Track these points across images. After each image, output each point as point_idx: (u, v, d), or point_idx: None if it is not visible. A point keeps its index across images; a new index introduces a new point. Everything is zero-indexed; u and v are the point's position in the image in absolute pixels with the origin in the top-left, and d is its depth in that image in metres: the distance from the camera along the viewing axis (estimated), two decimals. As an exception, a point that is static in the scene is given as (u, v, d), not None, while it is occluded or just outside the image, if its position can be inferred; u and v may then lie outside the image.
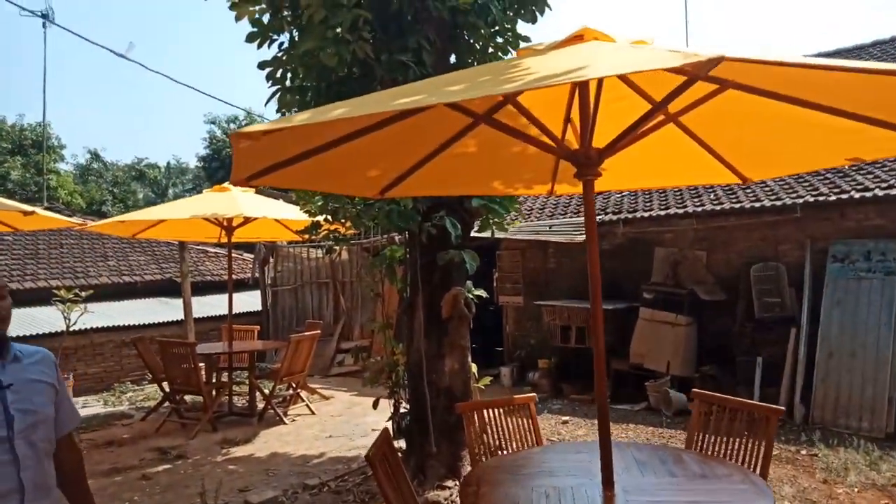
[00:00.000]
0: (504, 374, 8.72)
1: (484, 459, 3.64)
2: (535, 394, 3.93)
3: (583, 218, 8.77)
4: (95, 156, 36.97)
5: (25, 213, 5.14)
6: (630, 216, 8.27)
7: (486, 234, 5.67)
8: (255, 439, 6.62)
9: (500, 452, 3.69)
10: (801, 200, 6.96)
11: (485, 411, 3.79)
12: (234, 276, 13.32)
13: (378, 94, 2.55)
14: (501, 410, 3.81)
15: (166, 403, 7.42)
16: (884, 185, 6.66)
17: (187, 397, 7.54)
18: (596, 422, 6.84)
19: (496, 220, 5.50)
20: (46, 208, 9.05)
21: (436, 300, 5.18)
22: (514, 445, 3.74)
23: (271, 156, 2.67)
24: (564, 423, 6.94)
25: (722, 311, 7.47)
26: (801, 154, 3.40)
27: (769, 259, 7.26)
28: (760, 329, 7.03)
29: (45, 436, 1.88)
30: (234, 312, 7.68)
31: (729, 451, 3.41)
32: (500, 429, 3.75)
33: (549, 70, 1.86)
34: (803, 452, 5.67)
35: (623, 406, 7.50)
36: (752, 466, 3.28)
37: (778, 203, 7.15)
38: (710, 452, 3.48)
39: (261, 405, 7.49)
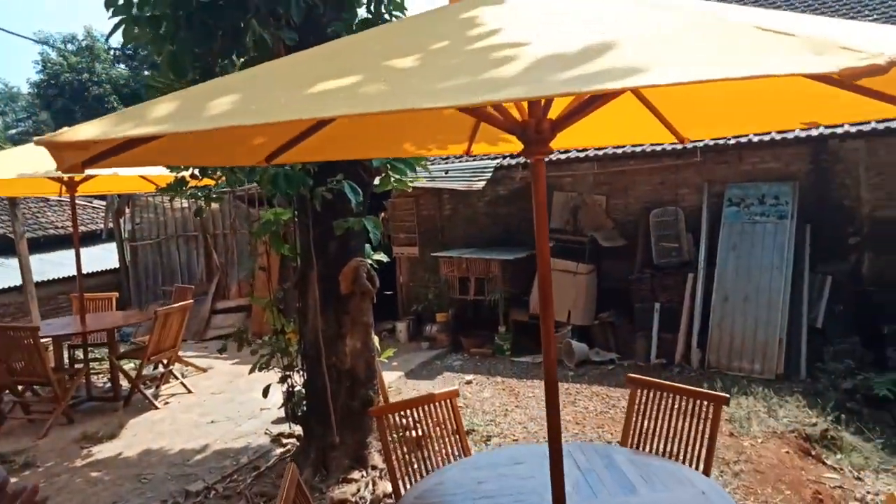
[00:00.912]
0: (400, 329, 8.27)
1: (402, 469, 3.16)
2: (457, 389, 3.45)
3: (481, 162, 8.30)
4: None
5: None
6: (528, 160, 7.86)
7: (388, 188, 5.01)
8: (123, 433, 5.74)
9: (422, 457, 3.21)
10: (701, 144, 6.84)
11: (399, 414, 3.29)
12: (83, 228, 11.75)
13: (275, 67, 1.76)
14: (420, 411, 3.31)
15: (8, 395, 6.28)
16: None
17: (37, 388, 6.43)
18: (499, 381, 6.65)
19: (399, 177, 4.86)
20: None
21: (333, 273, 4.51)
22: (438, 452, 3.27)
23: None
24: (468, 383, 6.62)
25: (621, 258, 7.37)
26: (753, 116, 3.03)
27: (668, 204, 7.17)
28: (659, 275, 7.00)
29: None
30: (86, 272, 6.57)
31: (669, 444, 3.15)
32: (419, 436, 3.26)
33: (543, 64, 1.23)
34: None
35: (524, 359, 7.31)
36: (693, 461, 3.05)
37: (679, 146, 7.01)
38: (649, 447, 3.20)
39: (127, 386, 6.54)
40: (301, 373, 4.82)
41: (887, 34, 1.31)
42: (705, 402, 3.09)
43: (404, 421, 3.31)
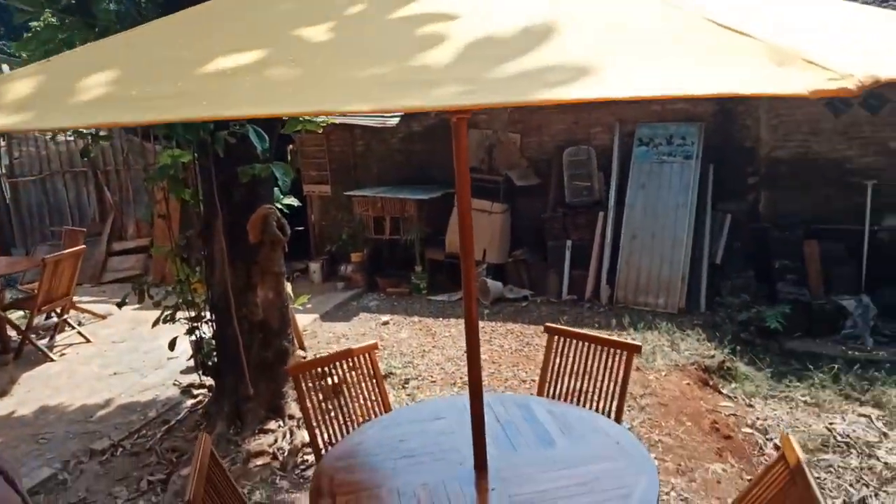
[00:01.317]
0: (313, 269, 8.07)
1: (323, 432, 3.10)
2: (375, 342, 3.38)
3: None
4: None
5: None
6: (449, 119, 7.64)
7: (296, 129, 4.73)
8: (15, 389, 5.35)
9: (339, 405, 3.16)
10: (613, 83, 6.86)
11: (319, 370, 3.21)
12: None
13: (161, 29, 1.48)
14: (338, 367, 3.24)
15: None
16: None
17: None
18: (416, 320, 6.66)
19: (310, 118, 4.58)
20: None
21: (240, 221, 4.26)
22: (356, 402, 3.22)
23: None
24: (385, 324, 6.60)
25: (535, 196, 7.42)
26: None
27: (581, 143, 7.22)
28: (571, 213, 7.11)
29: None
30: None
31: (584, 394, 3.24)
32: (341, 394, 3.19)
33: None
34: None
35: (440, 297, 7.35)
36: (607, 409, 3.15)
37: (592, 85, 7.01)
38: (565, 396, 3.29)
39: (17, 338, 6.07)
40: (210, 324, 4.61)
41: (848, 29, 1.25)
42: (619, 351, 3.18)
43: (321, 370, 3.23)
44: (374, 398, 3.27)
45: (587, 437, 2.64)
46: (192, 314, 4.60)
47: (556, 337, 3.38)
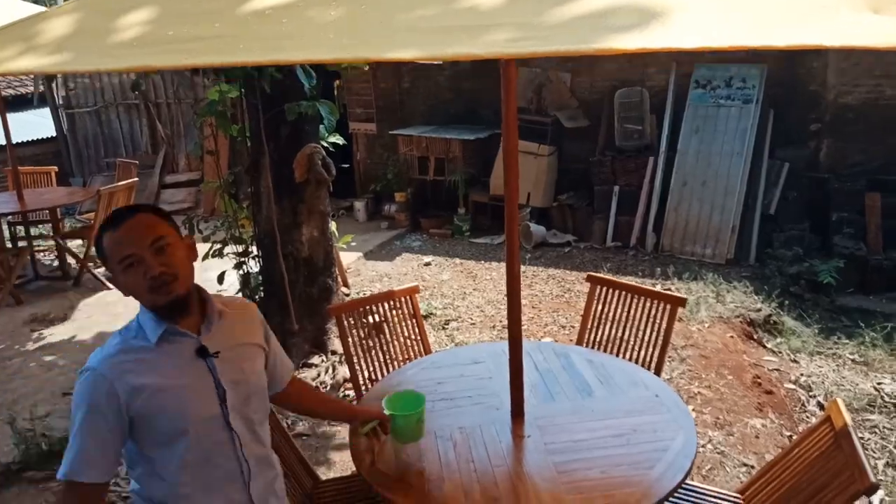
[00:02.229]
0: (358, 208, 8.12)
1: (363, 369, 3.18)
2: (417, 286, 3.41)
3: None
4: None
5: None
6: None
7: (343, 67, 4.67)
8: (74, 314, 5.63)
9: (381, 354, 3.23)
10: (672, 21, 6.52)
11: (360, 310, 3.26)
12: (10, 91, 10.85)
13: None
14: (380, 307, 3.29)
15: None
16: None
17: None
18: (458, 262, 6.68)
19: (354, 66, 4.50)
20: None
21: (286, 159, 4.29)
22: (397, 343, 3.29)
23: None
24: (427, 265, 6.65)
25: (583, 139, 7.23)
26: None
27: (635, 84, 6.95)
28: (620, 158, 6.92)
29: (260, 405, 1.71)
30: (21, 140, 6.15)
31: (625, 344, 3.22)
32: (381, 335, 3.25)
33: None
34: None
35: (482, 240, 7.33)
36: (647, 361, 3.13)
37: (649, 23, 6.68)
38: (604, 344, 3.28)
39: (76, 266, 6.34)
40: (257, 260, 4.71)
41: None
42: (663, 303, 3.13)
43: (363, 310, 3.28)
44: (414, 339, 3.33)
45: (626, 389, 2.64)
46: (240, 249, 4.70)
47: (599, 287, 3.34)
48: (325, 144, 4.66)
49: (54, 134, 9.92)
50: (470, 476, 2.13)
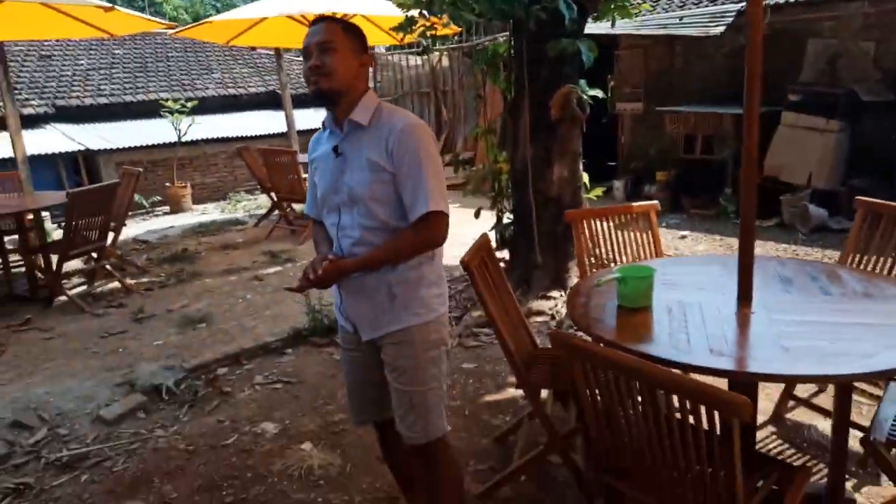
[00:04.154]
0: (617, 187, 8.14)
1: (594, 272, 3.29)
2: (656, 202, 3.41)
3: (720, 7, 7.47)
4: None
5: (105, 10, 4.89)
6: (780, 0, 6.89)
7: (605, 23, 4.84)
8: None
9: (612, 266, 3.30)
10: None
11: (596, 221, 3.36)
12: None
13: None
14: (616, 220, 3.36)
15: (276, 211, 7.55)
16: None
17: (295, 206, 7.61)
18: (717, 238, 6.31)
19: (619, 2, 4.64)
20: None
21: (544, 100, 4.58)
22: (629, 259, 3.34)
23: None
24: (682, 237, 6.42)
25: (883, 115, 6.32)
26: None
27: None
28: (933, 134, 5.92)
29: (367, 214, 1.84)
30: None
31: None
32: (613, 241, 3.33)
33: None
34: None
35: (750, 222, 6.80)
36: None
37: None
38: (872, 270, 2.91)
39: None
40: (509, 199, 5.09)
41: None
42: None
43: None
44: (649, 253, 3.34)
45: (889, 294, 2.34)
46: (496, 188, 5.12)
47: (866, 210, 2.99)
48: (585, 97, 4.84)
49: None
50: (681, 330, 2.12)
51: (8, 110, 7.32)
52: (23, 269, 5.60)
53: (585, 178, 5.07)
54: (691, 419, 1.54)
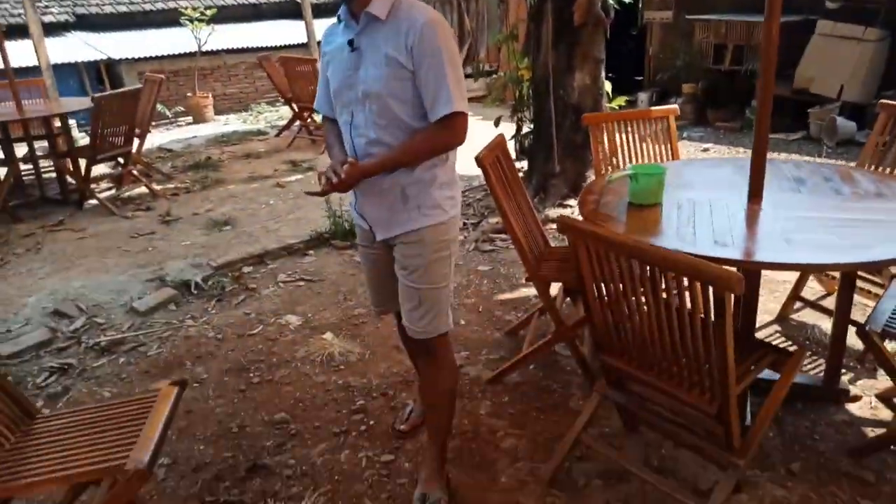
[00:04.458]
0: (642, 99, 7.96)
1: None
2: (675, 106, 3.38)
3: None
4: None
5: None
6: None
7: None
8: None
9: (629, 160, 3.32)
10: None
11: (614, 124, 3.35)
12: None
13: None
14: (634, 125, 3.35)
15: (297, 122, 7.57)
16: None
17: (316, 116, 7.62)
18: (740, 150, 6.23)
19: None
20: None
21: (567, 3, 4.46)
22: (646, 158, 3.34)
23: None
24: (705, 150, 6.34)
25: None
26: None
27: None
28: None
29: (382, 111, 1.79)
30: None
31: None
32: (631, 149, 3.32)
33: None
34: None
35: (777, 135, 6.67)
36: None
37: None
38: (890, 172, 2.90)
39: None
40: (530, 107, 5.05)
41: None
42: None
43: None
44: (666, 157, 3.34)
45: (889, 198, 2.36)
46: (517, 96, 5.07)
47: (888, 114, 2.94)
48: (612, 2, 4.70)
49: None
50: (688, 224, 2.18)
51: (29, 16, 7.31)
52: (53, 175, 5.75)
53: (608, 86, 5.00)
54: (689, 304, 1.61)
